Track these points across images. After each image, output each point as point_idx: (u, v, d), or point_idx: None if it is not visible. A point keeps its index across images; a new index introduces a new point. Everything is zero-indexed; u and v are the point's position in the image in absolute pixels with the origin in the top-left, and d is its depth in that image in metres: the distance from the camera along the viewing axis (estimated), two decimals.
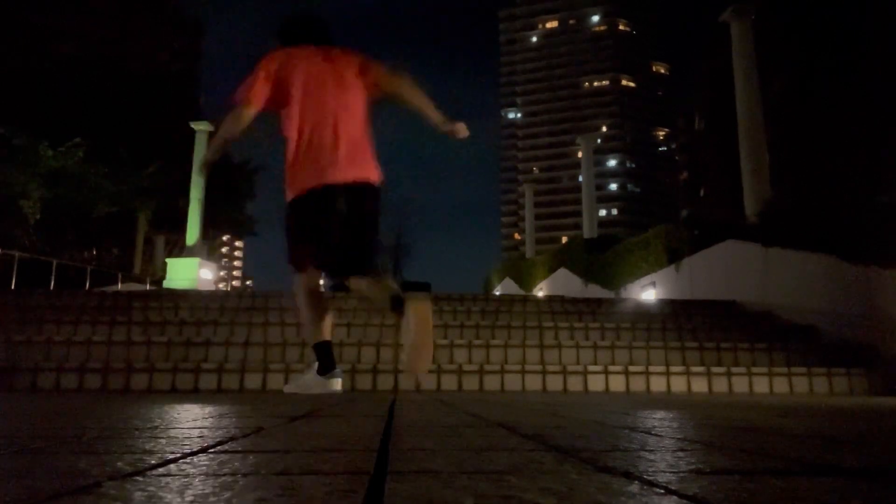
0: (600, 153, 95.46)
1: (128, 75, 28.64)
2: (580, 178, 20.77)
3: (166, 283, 18.42)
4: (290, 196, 2.69)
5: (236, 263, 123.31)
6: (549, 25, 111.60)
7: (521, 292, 16.42)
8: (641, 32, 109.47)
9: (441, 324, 5.30)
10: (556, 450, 1.06)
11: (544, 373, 4.21)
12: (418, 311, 2.35)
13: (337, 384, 2.85)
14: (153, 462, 0.91)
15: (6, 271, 16.31)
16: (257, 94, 2.72)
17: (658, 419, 1.84)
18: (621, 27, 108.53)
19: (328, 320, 2.90)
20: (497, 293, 17.01)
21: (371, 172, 2.72)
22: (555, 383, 4.18)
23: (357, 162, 2.69)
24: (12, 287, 14.88)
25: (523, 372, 4.20)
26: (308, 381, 2.89)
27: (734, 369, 4.34)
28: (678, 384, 4.24)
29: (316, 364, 2.86)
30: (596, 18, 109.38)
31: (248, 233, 33.92)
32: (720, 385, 4.26)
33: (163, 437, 1.28)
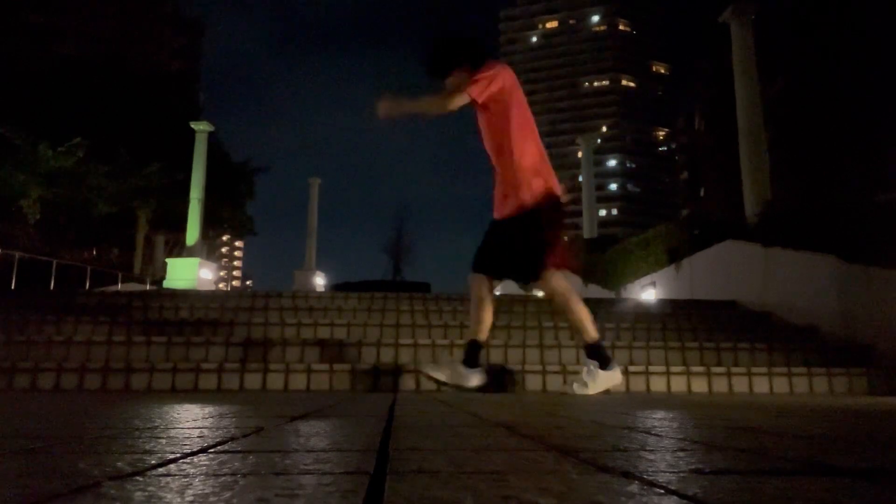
0: (600, 153, 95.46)
1: (128, 75, 28.64)
2: (580, 178, 20.76)
3: (166, 283, 18.44)
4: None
5: (236, 263, 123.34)
6: (549, 25, 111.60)
7: (522, 292, 16.42)
8: (641, 32, 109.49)
9: (441, 324, 5.30)
10: (556, 450, 1.06)
11: (544, 373, 4.20)
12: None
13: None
14: (153, 462, 0.91)
15: (6, 271, 16.31)
16: None
17: (658, 419, 1.84)
18: (621, 27, 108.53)
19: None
20: (497, 293, 16.98)
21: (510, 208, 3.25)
22: (555, 383, 4.18)
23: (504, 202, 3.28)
24: (12, 287, 14.89)
25: (523, 372, 4.20)
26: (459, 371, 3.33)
27: (734, 369, 4.33)
28: (678, 384, 4.24)
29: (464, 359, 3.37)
30: (596, 18, 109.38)
31: (248, 233, 33.96)
32: (720, 385, 4.25)
33: (163, 437, 1.28)
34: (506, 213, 3.21)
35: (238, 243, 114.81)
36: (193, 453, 1.01)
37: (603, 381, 3.25)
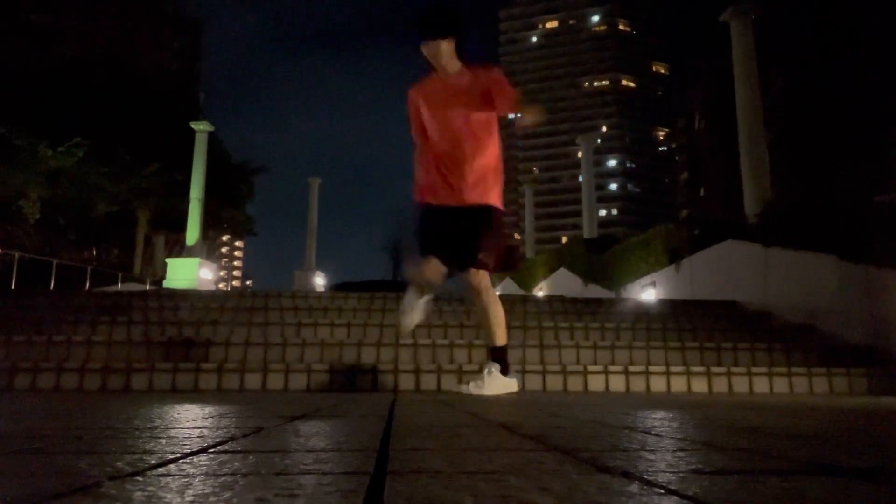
0: (600, 153, 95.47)
1: (128, 75, 28.62)
2: (580, 178, 20.77)
3: (166, 283, 18.42)
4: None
5: (236, 263, 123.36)
6: (549, 25, 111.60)
7: (521, 292, 16.43)
8: (641, 32, 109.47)
9: (441, 324, 5.30)
10: (556, 450, 1.06)
11: (544, 373, 4.21)
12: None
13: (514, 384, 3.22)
14: (153, 462, 0.91)
15: (6, 271, 16.31)
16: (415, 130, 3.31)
17: (658, 419, 1.84)
18: (621, 27, 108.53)
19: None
20: (497, 293, 16.99)
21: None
22: (555, 383, 4.18)
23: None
24: (12, 287, 14.89)
25: (523, 372, 4.20)
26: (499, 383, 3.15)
27: (734, 369, 4.34)
28: (678, 384, 4.24)
29: (498, 366, 3.16)
30: (596, 18, 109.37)
31: (247, 233, 33.95)
32: (720, 385, 4.25)
33: (163, 437, 1.28)
34: (472, 202, 3.12)
35: (238, 243, 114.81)
36: (193, 453, 1.01)
37: (500, 385, 3.13)
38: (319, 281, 26.21)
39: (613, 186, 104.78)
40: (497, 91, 3.14)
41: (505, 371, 3.18)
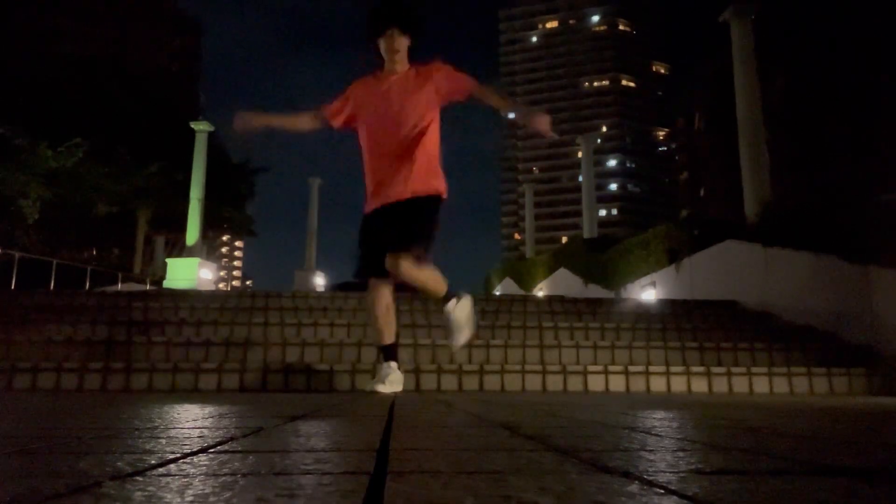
0: (600, 153, 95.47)
1: (128, 75, 28.63)
2: (580, 178, 20.76)
3: (166, 283, 18.42)
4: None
5: (236, 263, 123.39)
6: (549, 25, 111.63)
7: (521, 292, 16.43)
8: (641, 32, 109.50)
9: (441, 324, 5.29)
10: (556, 450, 1.06)
11: (544, 373, 4.21)
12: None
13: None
14: (153, 462, 0.91)
15: (6, 271, 16.32)
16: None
17: (658, 419, 1.84)
18: (621, 27, 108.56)
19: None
20: (497, 293, 17.01)
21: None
22: (555, 383, 4.18)
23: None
24: (12, 287, 14.90)
25: (523, 372, 4.20)
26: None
27: (734, 369, 4.34)
28: (678, 384, 4.24)
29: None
30: (596, 18, 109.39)
31: (247, 234, 33.98)
32: (720, 385, 4.25)
33: (163, 437, 1.28)
34: (414, 193, 3.03)
35: (238, 243, 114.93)
36: (193, 453, 1.01)
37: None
38: (319, 281, 26.18)
39: (613, 186, 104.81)
40: (450, 80, 3.15)
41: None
